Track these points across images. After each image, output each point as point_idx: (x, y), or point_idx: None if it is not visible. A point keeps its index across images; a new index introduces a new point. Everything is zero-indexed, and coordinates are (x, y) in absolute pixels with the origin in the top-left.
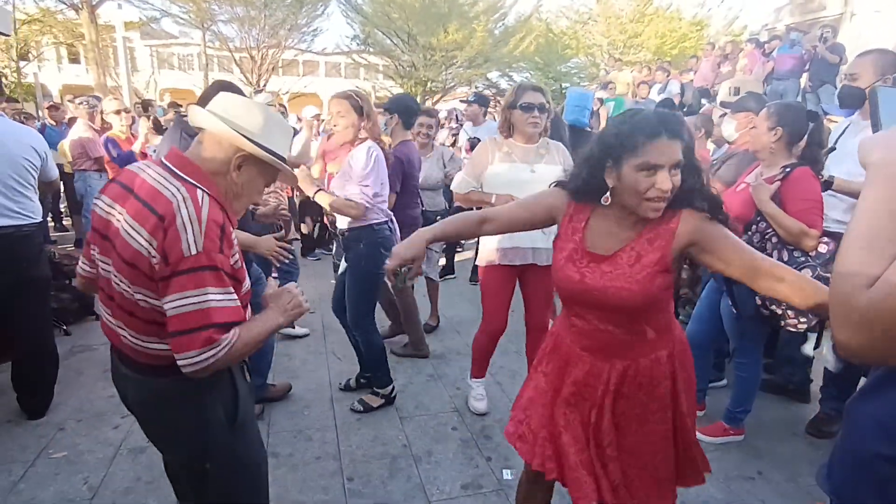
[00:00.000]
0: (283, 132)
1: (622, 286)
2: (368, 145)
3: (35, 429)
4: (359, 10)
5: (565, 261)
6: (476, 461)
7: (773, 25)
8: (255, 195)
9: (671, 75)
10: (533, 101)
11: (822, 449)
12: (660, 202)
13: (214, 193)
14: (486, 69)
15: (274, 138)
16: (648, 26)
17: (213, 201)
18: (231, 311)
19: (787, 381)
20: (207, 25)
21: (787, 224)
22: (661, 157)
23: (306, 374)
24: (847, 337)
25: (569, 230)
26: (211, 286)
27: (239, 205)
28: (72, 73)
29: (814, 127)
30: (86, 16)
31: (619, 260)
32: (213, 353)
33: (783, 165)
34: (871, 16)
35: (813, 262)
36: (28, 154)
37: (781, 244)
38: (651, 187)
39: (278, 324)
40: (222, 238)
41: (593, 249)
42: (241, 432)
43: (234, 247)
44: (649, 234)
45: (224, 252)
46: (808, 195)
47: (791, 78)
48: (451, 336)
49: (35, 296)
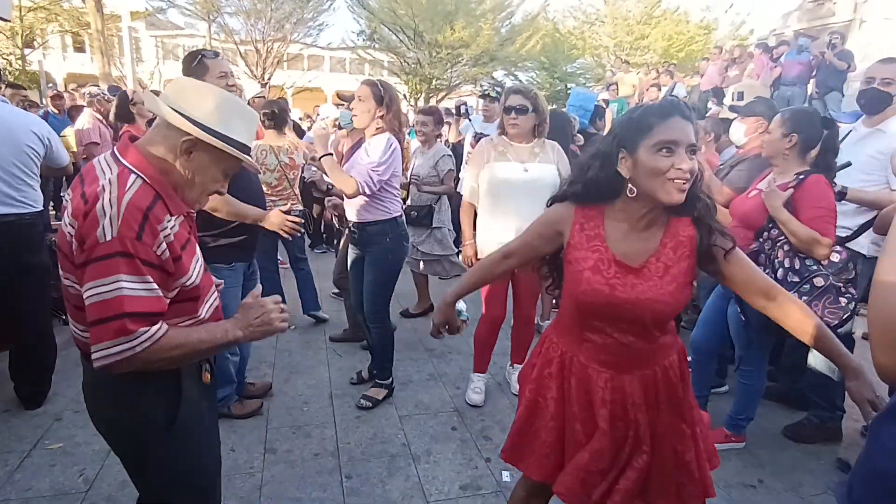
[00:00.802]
0: (240, 116)
1: (655, 299)
2: (388, 136)
3: (32, 419)
4: (365, 6)
5: (591, 272)
6: (475, 462)
7: (782, 31)
8: (210, 184)
9: (677, 78)
10: (512, 103)
11: (823, 459)
12: (682, 182)
13: (153, 179)
14: (491, 68)
15: (228, 123)
16: (656, 28)
17: (145, 186)
18: (148, 301)
19: (790, 389)
20: (213, 17)
21: (799, 232)
22: (677, 134)
23: (306, 370)
24: (888, 359)
25: (583, 239)
26: (124, 274)
27: (192, 193)
28: (76, 62)
29: (828, 134)
30: (92, 5)
31: (648, 272)
32: (126, 346)
33: (797, 172)
34: (881, 23)
35: (825, 271)
36: (32, 141)
37: (793, 252)
38: (671, 167)
39: (234, 337)
40: (143, 225)
41: (621, 258)
42: (181, 435)
43: (161, 236)
44: (671, 242)
45: (143, 240)
46: (822, 203)
47: (798, 84)
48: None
49: (34, 284)
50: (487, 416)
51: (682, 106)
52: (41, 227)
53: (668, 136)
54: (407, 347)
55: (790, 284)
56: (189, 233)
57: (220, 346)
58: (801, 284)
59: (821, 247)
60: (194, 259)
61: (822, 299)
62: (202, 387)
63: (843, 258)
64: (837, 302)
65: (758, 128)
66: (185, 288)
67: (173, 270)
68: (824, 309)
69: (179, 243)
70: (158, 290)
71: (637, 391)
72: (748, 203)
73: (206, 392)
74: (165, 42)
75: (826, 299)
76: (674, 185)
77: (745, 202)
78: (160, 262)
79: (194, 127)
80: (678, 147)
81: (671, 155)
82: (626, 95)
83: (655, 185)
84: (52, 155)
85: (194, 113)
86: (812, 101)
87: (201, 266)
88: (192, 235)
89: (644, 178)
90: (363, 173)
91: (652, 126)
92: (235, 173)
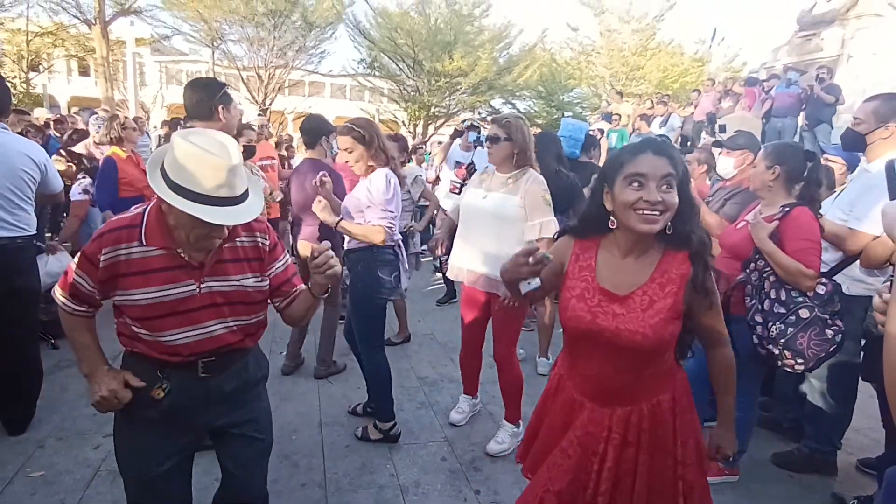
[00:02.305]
0: (195, 164)
1: (635, 330)
2: (385, 172)
3: (14, 445)
4: (366, 35)
5: (576, 300)
6: (464, 493)
7: (772, 64)
8: (189, 229)
9: (672, 109)
10: (489, 132)
11: (817, 493)
12: (650, 213)
13: (151, 214)
14: (489, 96)
15: (183, 175)
16: (651, 60)
17: (137, 216)
18: (72, 282)
19: (783, 419)
20: (217, 44)
21: (785, 263)
22: (645, 167)
23: (296, 398)
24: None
25: (576, 269)
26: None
27: (181, 236)
28: (81, 85)
29: (812, 167)
30: (98, 31)
31: (632, 303)
32: (63, 301)
33: (782, 205)
34: (868, 58)
35: (811, 303)
36: (28, 166)
37: (779, 283)
38: (639, 199)
39: (82, 370)
40: (101, 235)
41: (605, 285)
42: (120, 421)
43: (107, 249)
44: (661, 278)
45: (91, 243)
46: (807, 235)
47: (789, 116)
48: (443, 363)
49: (22, 307)
50: (478, 446)
51: (658, 143)
52: (33, 250)
53: (636, 170)
54: (399, 375)
55: (776, 315)
56: (163, 266)
57: (78, 363)
58: (787, 316)
59: (806, 278)
60: (151, 287)
61: (808, 331)
62: (149, 398)
63: (829, 290)
64: (823, 334)
65: (745, 160)
66: (127, 305)
67: (103, 279)
68: (810, 341)
69: (135, 267)
70: (80, 278)
71: (616, 427)
72: (736, 235)
73: (155, 404)
74: (169, 67)
75: (812, 331)
76: (642, 216)
77: (733, 234)
78: (97, 266)
79: (155, 183)
80: (647, 180)
81: (640, 188)
82: (624, 125)
83: (628, 216)
84: (47, 181)
85: (169, 169)
86: (802, 132)
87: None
88: (175, 270)
89: (619, 210)
90: (383, 217)
91: (624, 162)
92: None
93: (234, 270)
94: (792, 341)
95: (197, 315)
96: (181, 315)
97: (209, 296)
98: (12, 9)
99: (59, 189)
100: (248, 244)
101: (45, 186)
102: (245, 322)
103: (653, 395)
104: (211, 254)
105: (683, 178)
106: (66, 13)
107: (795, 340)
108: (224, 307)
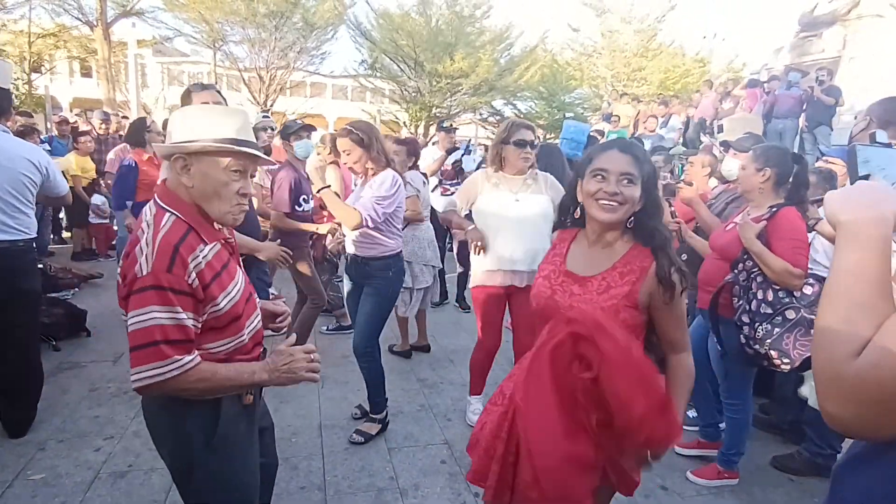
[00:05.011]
0: (215, 115)
1: (586, 309)
2: (392, 173)
3: (16, 447)
4: (367, 36)
5: (542, 279)
6: (464, 496)
7: (773, 66)
8: (222, 189)
9: (673, 110)
10: (525, 137)
11: (817, 497)
12: (608, 203)
13: (184, 212)
14: (490, 97)
15: (202, 126)
16: (652, 61)
17: (178, 222)
18: (176, 329)
19: (784, 422)
20: (219, 45)
21: (772, 262)
22: (607, 163)
23: (296, 400)
24: (835, 409)
25: (551, 255)
26: (155, 304)
27: (214, 207)
28: (83, 87)
29: (798, 169)
30: (100, 33)
31: (590, 286)
32: (160, 370)
33: (770, 205)
34: (869, 59)
35: (797, 304)
36: (28, 170)
37: (767, 283)
38: (599, 190)
39: (259, 380)
40: (174, 257)
41: (571, 269)
42: (222, 452)
43: (192, 265)
44: (623, 267)
45: (173, 271)
46: (794, 234)
47: (790, 117)
48: (444, 365)
49: (24, 310)
50: None
51: (625, 143)
52: (33, 253)
53: (600, 165)
54: (399, 378)
55: (763, 316)
56: (228, 259)
57: (245, 385)
58: (774, 316)
59: (793, 277)
60: (230, 286)
61: (794, 332)
62: (243, 407)
63: (816, 291)
64: (809, 334)
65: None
66: (216, 314)
67: (202, 297)
68: (796, 341)
69: (213, 271)
70: (186, 319)
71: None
72: (725, 236)
73: (248, 412)
74: (171, 68)
75: (797, 332)
76: (601, 206)
77: (722, 235)
78: (191, 290)
79: (169, 144)
80: (609, 174)
81: (602, 181)
82: (624, 126)
83: (590, 205)
84: (50, 184)
85: (172, 134)
86: (802, 134)
87: (238, 291)
88: (231, 261)
89: (585, 200)
90: (367, 206)
91: (593, 157)
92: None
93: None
94: (778, 342)
95: (252, 304)
96: (247, 307)
97: (247, 283)
98: (14, 10)
99: (65, 191)
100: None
101: (48, 189)
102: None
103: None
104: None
105: (650, 178)
106: (68, 15)
107: (781, 341)
108: (252, 294)
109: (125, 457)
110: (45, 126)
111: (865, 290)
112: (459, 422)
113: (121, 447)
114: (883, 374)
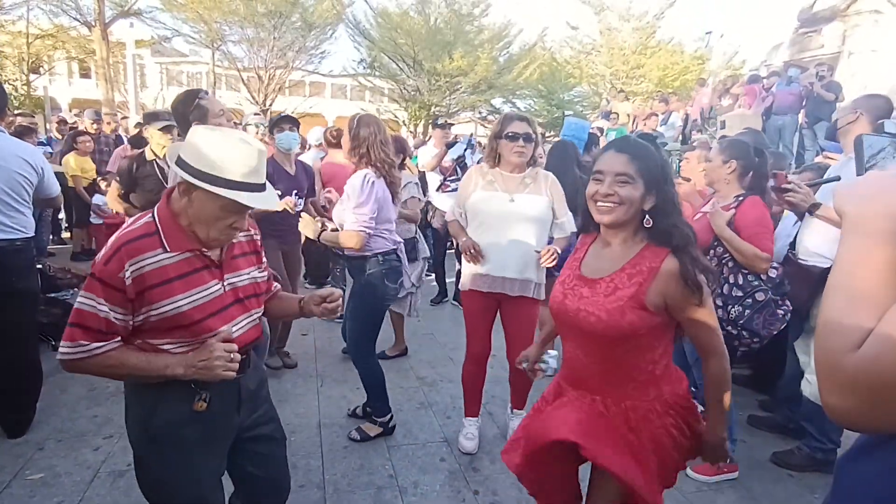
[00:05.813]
0: (220, 147)
1: (592, 311)
2: (364, 173)
3: (14, 447)
4: (366, 35)
5: (559, 284)
6: (463, 494)
7: (772, 62)
8: (213, 222)
9: (671, 105)
10: (518, 130)
11: (817, 492)
12: (603, 204)
13: (163, 219)
14: (489, 95)
15: (207, 158)
16: (651, 58)
17: (146, 225)
18: (94, 318)
19: (786, 419)
20: (217, 45)
21: (742, 248)
22: (603, 164)
23: (294, 399)
24: (836, 401)
25: (571, 259)
26: (87, 291)
27: (203, 231)
28: (82, 87)
29: (759, 161)
30: (98, 33)
31: (598, 287)
32: (69, 351)
33: (735, 195)
34: (868, 55)
35: (765, 286)
36: (24, 170)
37: (737, 268)
38: (595, 192)
39: (173, 374)
40: (115, 254)
41: (584, 272)
42: (158, 448)
43: (129, 264)
44: (631, 269)
45: (109, 265)
46: (759, 222)
47: (790, 113)
48: (443, 363)
49: (22, 309)
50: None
51: (623, 142)
52: (31, 252)
53: (598, 167)
54: (398, 376)
55: (735, 298)
56: (198, 268)
57: (156, 375)
58: (745, 298)
59: (761, 261)
60: (186, 294)
61: (763, 312)
62: (192, 414)
63: (779, 274)
64: (775, 314)
65: None
66: (155, 318)
67: (133, 297)
68: (764, 321)
69: (161, 277)
70: (108, 311)
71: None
72: (696, 225)
73: (201, 418)
74: (170, 69)
75: (766, 312)
76: (598, 207)
77: (692, 224)
78: (123, 286)
79: (181, 171)
80: (604, 176)
81: (599, 183)
82: (622, 124)
83: (591, 207)
84: (43, 185)
85: (189, 158)
86: (802, 130)
87: (201, 300)
88: (204, 272)
89: (587, 202)
90: (354, 220)
91: (595, 160)
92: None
93: (244, 265)
94: (749, 322)
95: (229, 312)
96: (218, 315)
97: (233, 292)
98: (12, 11)
99: (57, 192)
100: (244, 239)
101: (41, 191)
102: (259, 315)
103: (624, 395)
104: (224, 251)
105: (655, 175)
106: (66, 15)
107: (752, 321)
108: (245, 301)
109: (124, 456)
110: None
111: (868, 281)
112: (459, 419)
113: (119, 447)
114: (883, 366)
